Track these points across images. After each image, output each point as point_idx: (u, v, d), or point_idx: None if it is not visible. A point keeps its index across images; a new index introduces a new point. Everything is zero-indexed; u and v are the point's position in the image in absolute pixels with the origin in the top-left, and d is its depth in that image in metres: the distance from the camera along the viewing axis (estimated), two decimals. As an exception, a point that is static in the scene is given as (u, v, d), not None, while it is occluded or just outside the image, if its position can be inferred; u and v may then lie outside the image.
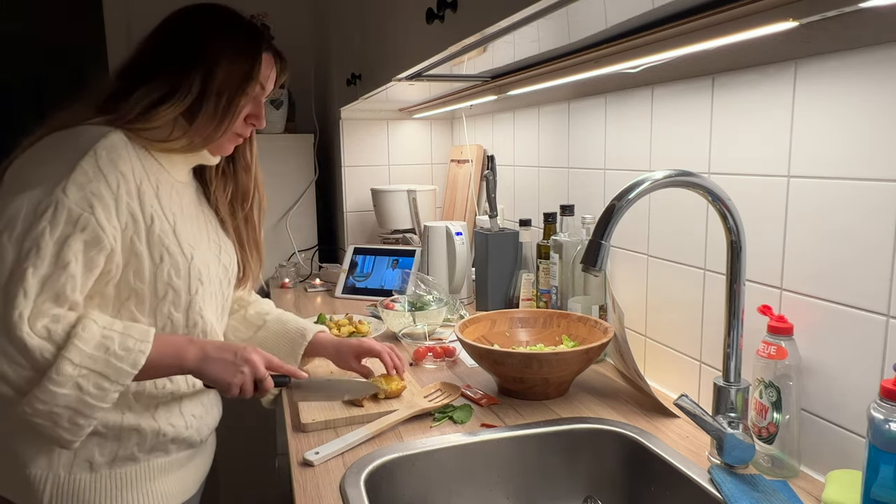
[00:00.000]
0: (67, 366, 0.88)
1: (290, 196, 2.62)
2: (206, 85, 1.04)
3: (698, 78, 1.15)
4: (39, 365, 0.87)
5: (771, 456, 0.96)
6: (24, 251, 0.88)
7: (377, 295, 2.07)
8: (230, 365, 1.02)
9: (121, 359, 0.92)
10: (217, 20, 1.10)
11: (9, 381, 0.87)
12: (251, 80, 1.09)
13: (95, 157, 0.95)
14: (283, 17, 2.70)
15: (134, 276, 0.99)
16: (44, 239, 0.89)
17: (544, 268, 1.59)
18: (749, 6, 0.79)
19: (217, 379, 1.01)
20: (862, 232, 0.87)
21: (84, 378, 0.89)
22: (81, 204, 0.92)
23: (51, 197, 0.90)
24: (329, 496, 0.94)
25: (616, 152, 1.44)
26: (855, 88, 0.86)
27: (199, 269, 1.07)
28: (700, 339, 1.19)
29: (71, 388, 0.88)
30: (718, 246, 1.12)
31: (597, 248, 0.90)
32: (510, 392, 1.27)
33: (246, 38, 1.10)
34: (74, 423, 0.91)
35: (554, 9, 0.83)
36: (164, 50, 1.07)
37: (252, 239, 1.26)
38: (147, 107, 1.01)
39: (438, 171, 2.62)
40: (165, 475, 1.08)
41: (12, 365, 0.87)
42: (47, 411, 0.88)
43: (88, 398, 0.90)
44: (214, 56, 1.05)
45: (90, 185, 0.93)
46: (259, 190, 1.26)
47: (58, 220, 0.90)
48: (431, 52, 1.23)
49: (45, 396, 0.87)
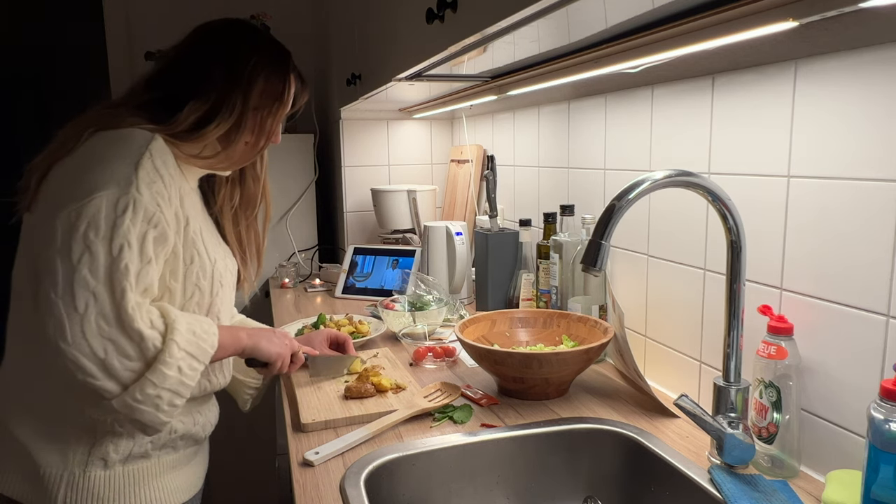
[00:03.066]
0: (175, 348, 0.94)
1: (290, 196, 2.62)
2: (245, 105, 1.09)
3: (698, 78, 1.15)
4: (149, 355, 0.93)
5: (771, 456, 0.96)
6: (115, 248, 0.92)
7: (377, 295, 2.07)
8: (276, 340, 1.18)
9: (204, 340, 1.00)
10: (255, 40, 1.14)
11: (116, 375, 0.91)
12: (283, 101, 1.14)
13: (152, 159, 0.98)
14: (283, 17, 2.71)
15: (170, 274, 1.03)
16: (131, 235, 0.93)
17: (544, 268, 1.59)
18: (749, 6, 0.79)
19: (269, 351, 1.15)
20: (862, 232, 0.87)
21: (183, 360, 0.96)
22: (152, 202, 0.96)
23: (128, 195, 0.94)
24: (329, 496, 0.94)
25: (616, 152, 1.44)
26: (855, 88, 0.86)
27: (221, 273, 1.12)
28: (700, 339, 1.19)
29: (175, 370, 0.94)
30: (718, 246, 1.12)
31: (597, 248, 0.90)
32: (510, 392, 1.27)
33: (278, 59, 1.15)
34: (173, 404, 0.96)
35: (554, 9, 0.83)
36: (205, 65, 1.09)
37: (254, 245, 1.28)
38: (195, 123, 1.05)
39: (438, 171, 2.62)
40: (174, 471, 1.11)
41: (121, 359, 0.91)
42: (154, 395, 0.93)
43: (185, 378, 0.96)
44: (252, 76, 1.10)
45: (154, 185, 0.97)
46: (266, 199, 1.30)
47: (137, 216, 0.94)
48: (431, 52, 1.23)
49: (157, 379, 0.93)
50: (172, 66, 1.11)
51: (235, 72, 1.09)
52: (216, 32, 1.13)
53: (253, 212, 1.27)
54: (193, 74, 1.08)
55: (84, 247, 0.90)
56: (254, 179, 1.26)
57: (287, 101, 1.16)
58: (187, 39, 1.13)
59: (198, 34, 1.13)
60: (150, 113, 1.05)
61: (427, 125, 2.59)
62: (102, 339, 0.89)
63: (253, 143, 1.13)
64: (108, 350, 0.89)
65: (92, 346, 0.88)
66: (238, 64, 1.09)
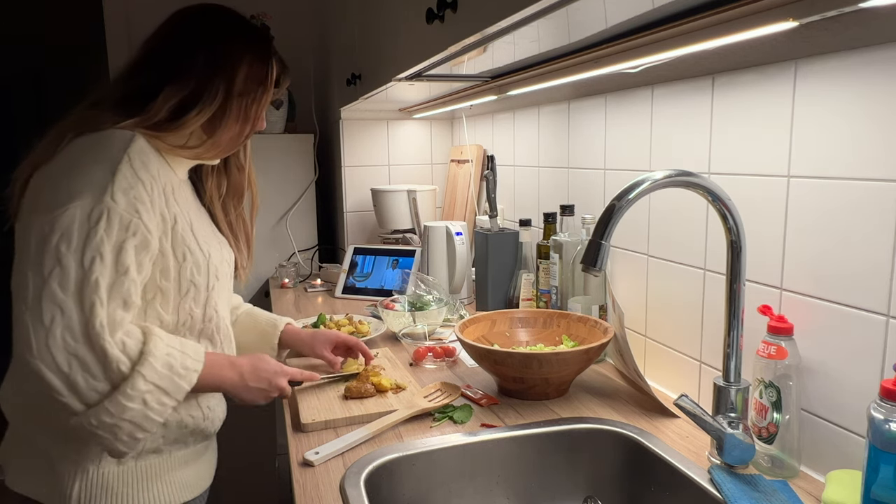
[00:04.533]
0: (140, 381, 0.91)
1: (290, 196, 2.62)
2: (229, 91, 1.06)
3: (698, 78, 1.15)
4: (114, 377, 0.90)
5: (771, 456, 0.96)
6: (87, 260, 0.90)
7: (377, 295, 2.07)
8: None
9: (181, 377, 0.96)
10: (234, 24, 1.11)
11: (79, 392, 0.88)
12: (267, 86, 1.12)
13: (130, 162, 0.96)
14: (283, 17, 2.71)
15: (161, 275, 1.01)
16: (104, 247, 0.91)
17: (544, 268, 1.59)
18: (749, 6, 0.79)
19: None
20: (862, 232, 0.87)
21: (150, 394, 0.92)
22: (129, 209, 0.94)
23: (102, 204, 0.91)
24: (329, 496, 0.95)
25: (616, 152, 1.44)
26: (855, 88, 0.86)
27: (216, 266, 1.10)
28: (700, 339, 1.19)
29: (139, 402, 0.91)
30: (718, 246, 1.12)
31: (597, 248, 0.90)
32: (510, 392, 1.27)
33: (260, 43, 1.12)
34: (133, 436, 0.93)
35: (554, 9, 0.83)
36: (183, 49, 1.06)
37: (244, 235, 1.27)
38: (174, 110, 1.03)
39: (438, 171, 2.62)
40: (185, 466, 1.11)
41: (86, 376, 0.88)
42: (112, 424, 0.90)
43: (151, 413, 0.93)
44: (235, 61, 1.07)
45: (132, 190, 0.95)
46: (252, 188, 1.28)
47: (112, 227, 0.92)
48: (431, 52, 1.23)
49: (115, 409, 0.90)
50: (150, 54, 1.08)
51: (217, 56, 1.06)
52: (194, 17, 1.10)
53: (240, 201, 1.26)
54: (173, 61, 1.05)
55: (55, 260, 0.89)
56: (238, 169, 1.24)
57: (270, 86, 1.13)
58: (164, 26, 1.10)
59: (174, 19, 1.10)
60: (128, 107, 1.02)
61: (427, 125, 2.59)
62: (67, 354, 0.87)
63: (238, 130, 1.11)
64: (72, 365, 0.87)
65: (56, 359, 0.87)
66: (220, 48, 1.06)
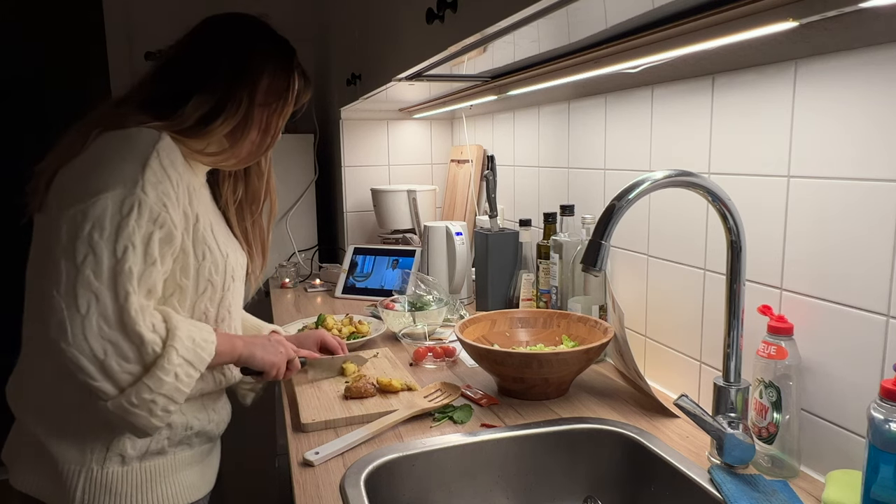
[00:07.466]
0: (174, 355, 0.95)
1: (290, 196, 2.62)
2: (251, 101, 1.08)
3: (698, 78, 1.15)
4: (148, 359, 0.93)
5: (771, 456, 0.96)
6: (119, 249, 0.92)
7: (377, 295, 2.07)
8: (271, 348, 1.16)
9: (203, 349, 1.00)
10: (258, 35, 1.13)
11: (113, 377, 0.91)
12: (288, 98, 1.14)
13: (159, 159, 0.98)
14: (283, 17, 2.70)
15: (181, 272, 1.03)
16: (135, 237, 0.94)
17: (544, 268, 1.59)
18: (749, 6, 0.79)
19: (264, 360, 1.14)
20: (862, 232, 0.87)
21: (181, 367, 0.96)
22: (158, 203, 0.96)
23: (133, 196, 0.94)
24: (329, 496, 0.94)
25: (616, 152, 1.44)
26: (855, 88, 0.86)
27: (234, 267, 1.13)
28: (700, 339, 1.19)
29: (172, 376, 0.95)
30: (718, 246, 1.12)
31: (597, 248, 0.90)
32: (510, 392, 1.27)
33: (282, 56, 1.14)
34: (167, 409, 0.96)
35: (554, 9, 0.83)
36: (210, 59, 1.08)
37: (259, 241, 1.28)
38: (201, 119, 1.05)
39: (438, 171, 2.62)
40: (189, 468, 1.11)
41: (119, 360, 0.91)
42: (150, 399, 0.93)
43: (181, 385, 0.96)
44: (257, 72, 1.09)
45: (160, 185, 0.97)
46: (271, 196, 1.30)
47: (142, 217, 0.95)
48: (431, 52, 1.23)
49: (154, 384, 0.93)
50: (177, 60, 1.10)
51: (240, 66, 1.08)
52: (221, 26, 1.12)
53: (258, 207, 1.27)
54: (199, 68, 1.08)
55: (88, 248, 0.91)
56: (258, 176, 1.26)
57: (291, 99, 1.16)
58: (192, 33, 1.12)
59: (203, 27, 1.12)
60: (155, 109, 1.04)
61: (427, 125, 2.59)
62: (102, 341, 0.90)
63: (259, 140, 1.13)
64: (107, 351, 0.90)
65: (92, 346, 0.89)
66: (243, 58, 1.09)
